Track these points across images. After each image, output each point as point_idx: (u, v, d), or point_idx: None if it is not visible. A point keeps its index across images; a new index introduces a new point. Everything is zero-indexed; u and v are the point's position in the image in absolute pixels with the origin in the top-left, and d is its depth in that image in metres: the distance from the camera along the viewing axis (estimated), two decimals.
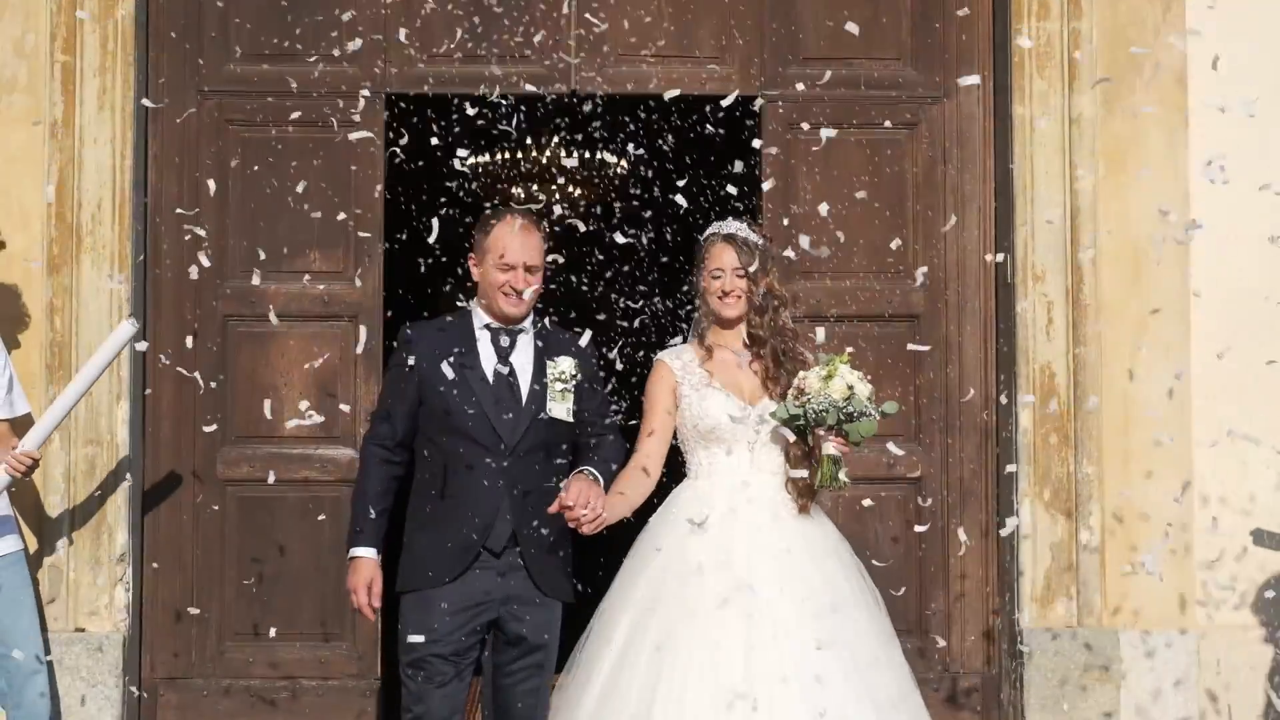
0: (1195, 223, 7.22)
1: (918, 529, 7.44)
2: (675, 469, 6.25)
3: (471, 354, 6.08)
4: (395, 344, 6.22)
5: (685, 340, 6.34)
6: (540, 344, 6.15)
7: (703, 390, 6.15)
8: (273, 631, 7.38)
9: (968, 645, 7.68)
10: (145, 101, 7.37)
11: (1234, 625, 7.45)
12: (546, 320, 6.28)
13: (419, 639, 5.96)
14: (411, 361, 6.08)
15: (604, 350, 6.41)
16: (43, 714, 6.95)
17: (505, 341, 6.12)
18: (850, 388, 5.94)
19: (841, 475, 6.01)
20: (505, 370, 6.07)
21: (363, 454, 6.22)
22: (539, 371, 6.09)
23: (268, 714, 7.52)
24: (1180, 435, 7.46)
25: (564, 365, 6.10)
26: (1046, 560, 7.50)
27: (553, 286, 6.33)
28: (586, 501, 5.84)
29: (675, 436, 6.21)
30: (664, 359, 6.25)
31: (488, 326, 6.13)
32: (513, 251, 6.07)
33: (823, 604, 5.91)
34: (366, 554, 6.08)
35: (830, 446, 5.99)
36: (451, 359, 6.03)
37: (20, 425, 6.94)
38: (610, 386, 6.40)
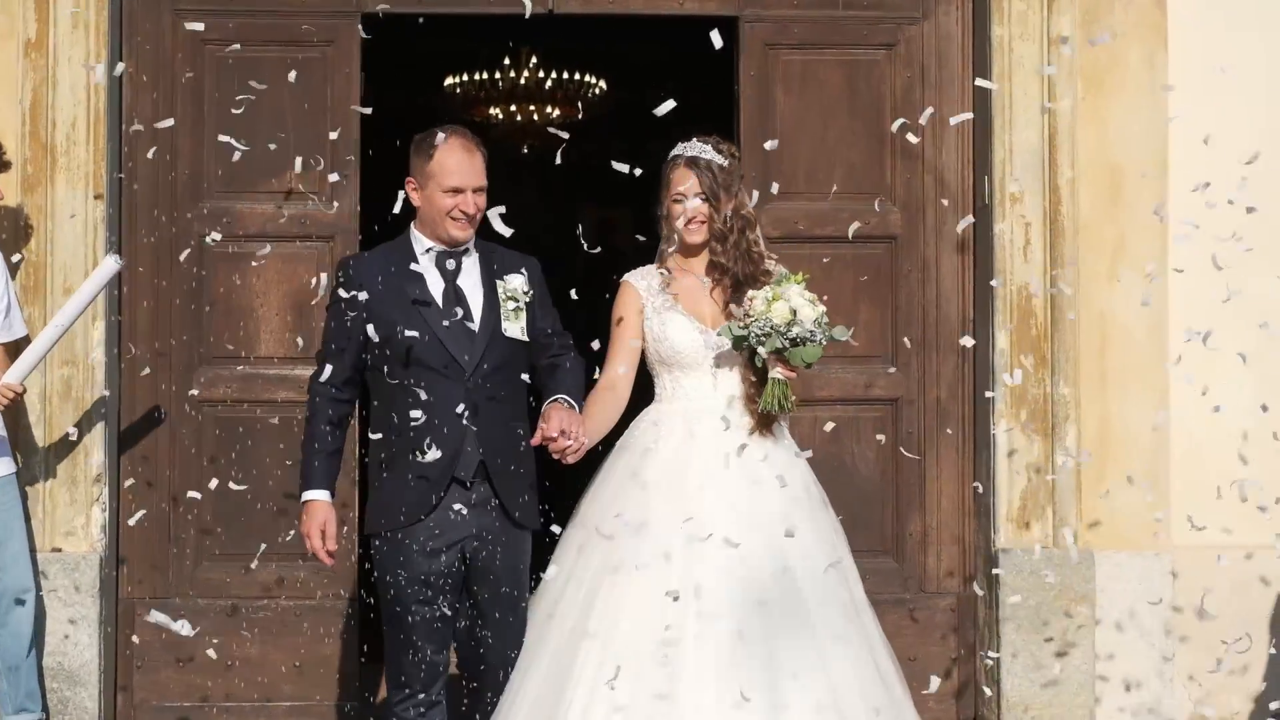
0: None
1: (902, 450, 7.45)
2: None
3: (417, 280, 5.90)
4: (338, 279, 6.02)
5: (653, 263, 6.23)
6: (486, 263, 6.00)
7: (664, 314, 6.07)
8: (252, 551, 7.37)
9: (944, 566, 7.69)
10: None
11: (1209, 545, 7.46)
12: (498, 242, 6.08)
13: (396, 587, 5.86)
14: (354, 296, 5.87)
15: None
16: (26, 635, 6.98)
17: (451, 264, 5.95)
18: (794, 312, 5.82)
19: (787, 399, 5.90)
20: (454, 293, 5.92)
21: (310, 395, 6.02)
22: (489, 292, 5.94)
23: (245, 634, 7.53)
24: (1157, 357, 7.48)
25: (515, 283, 5.95)
26: (1023, 481, 7.50)
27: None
28: (568, 431, 5.77)
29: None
30: (629, 280, 6.18)
31: (430, 250, 5.96)
32: (460, 175, 5.89)
33: (775, 531, 5.87)
34: (319, 497, 5.95)
35: (776, 370, 5.90)
36: (398, 288, 5.87)
37: (15, 349, 6.96)
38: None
